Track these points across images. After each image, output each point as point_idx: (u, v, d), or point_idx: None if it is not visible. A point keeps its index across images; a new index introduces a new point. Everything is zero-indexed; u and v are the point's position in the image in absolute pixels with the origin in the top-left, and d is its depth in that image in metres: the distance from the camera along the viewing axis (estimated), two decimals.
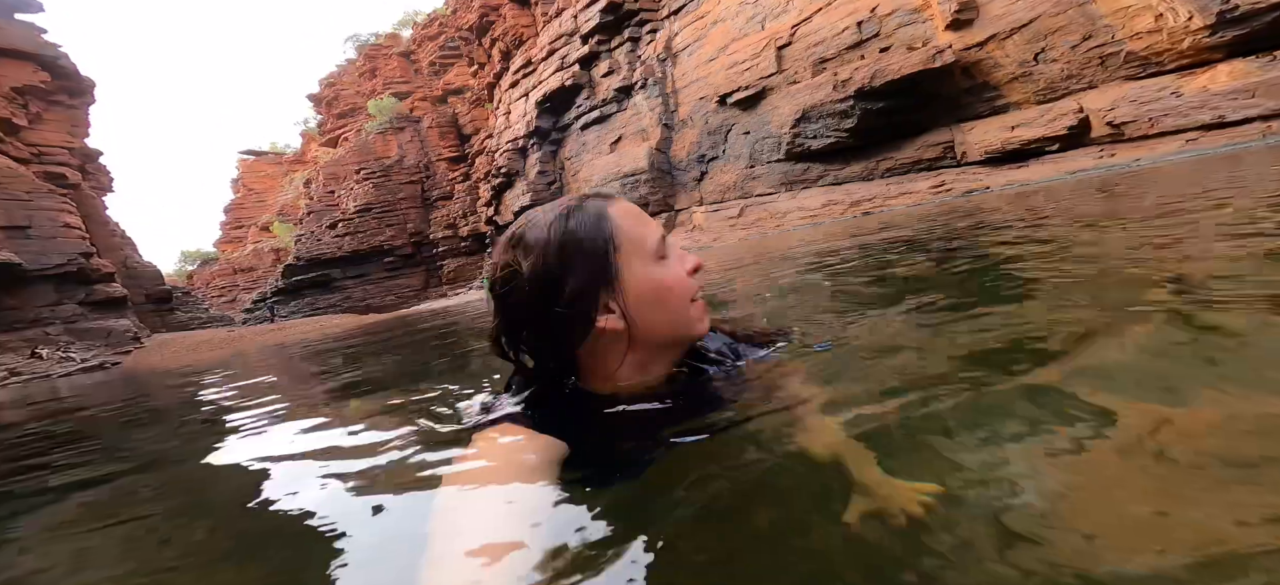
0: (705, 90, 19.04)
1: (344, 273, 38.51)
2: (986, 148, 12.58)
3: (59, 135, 21.16)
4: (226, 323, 30.07)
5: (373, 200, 39.92)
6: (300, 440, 1.54)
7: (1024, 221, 4.13)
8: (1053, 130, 11.30)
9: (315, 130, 60.09)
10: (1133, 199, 4.41)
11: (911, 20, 13.13)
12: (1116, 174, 8.24)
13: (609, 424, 0.83)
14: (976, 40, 11.92)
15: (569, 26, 23.55)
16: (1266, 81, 8.57)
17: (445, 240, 38.25)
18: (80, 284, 17.13)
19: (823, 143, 15.66)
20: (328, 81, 53.10)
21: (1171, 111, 9.68)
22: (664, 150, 21.28)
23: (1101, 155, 10.62)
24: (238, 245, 58.94)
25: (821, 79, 15.18)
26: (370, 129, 42.49)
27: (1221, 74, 9.03)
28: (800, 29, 15.75)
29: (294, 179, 59.20)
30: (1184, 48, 9.34)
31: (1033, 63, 11.32)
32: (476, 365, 2.53)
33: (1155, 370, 0.85)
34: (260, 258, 52.51)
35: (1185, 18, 8.93)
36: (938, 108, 13.31)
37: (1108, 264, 1.91)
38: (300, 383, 3.84)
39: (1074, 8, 10.34)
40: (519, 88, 27.29)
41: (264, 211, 60.64)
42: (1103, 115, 10.59)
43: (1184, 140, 9.51)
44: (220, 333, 21.68)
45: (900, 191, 14.30)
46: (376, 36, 48.15)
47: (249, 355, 8.39)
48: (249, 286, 48.16)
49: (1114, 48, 10.13)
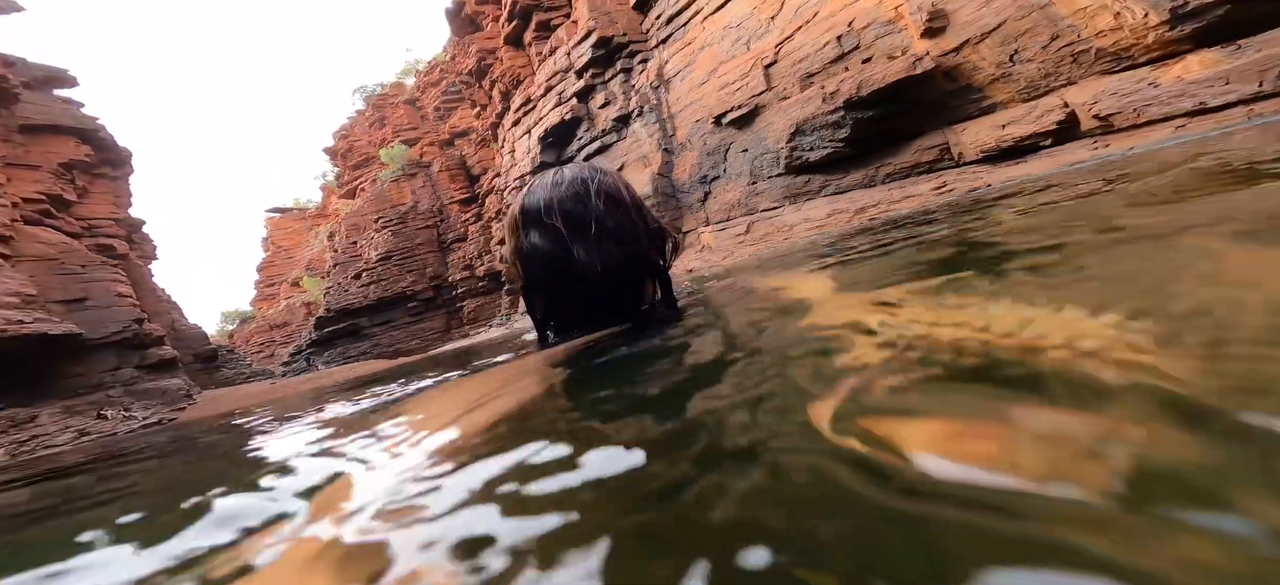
0: (700, 112, 20.00)
1: (371, 320, 40.86)
2: (981, 147, 13.16)
3: (105, 207, 23.02)
4: (267, 376, 32.36)
5: (392, 248, 42.24)
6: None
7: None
8: (1042, 126, 11.84)
9: (334, 183, 63.44)
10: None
11: (887, 31, 13.83)
12: (1114, 162, 8.82)
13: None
14: (951, 46, 12.56)
15: (563, 63, 24.88)
16: (1236, 68, 9.03)
17: (463, 281, 40.20)
18: (135, 348, 18.88)
19: (820, 154, 16.39)
20: (341, 134, 56.12)
21: (1153, 101, 10.16)
22: (666, 174, 22.30)
23: (1096, 146, 11.11)
24: (272, 302, 62.42)
25: (810, 93, 15.95)
26: (384, 177, 44.94)
27: (1193, 64, 9.49)
28: (784, 47, 16.57)
29: (319, 232, 62.53)
30: (1150, 42, 9.82)
31: (1010, 64, 11.90)
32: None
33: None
34: (293, 312, 55.20)
35: (1141, 15, 9.46)
36: (927, 112, 13.94)
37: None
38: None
39: (1036, 10, 10.92)
40: (521, 125, 28.78)
41: (293, 267, 64.08)
42: (1088, 108, 11.10)
43: (1174, 127, 9.97)
44: (262, 385, 23.45)
45: (903, 195, 14.90)
46: (382, 86, 50.81)
47: (289, 399, 9.37)
48: (285, 341, 51.04)
49: (1083, 45, 10.67)
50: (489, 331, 34.46)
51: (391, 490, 0.58)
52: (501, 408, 0.78)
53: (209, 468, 1.66)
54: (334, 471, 0.77)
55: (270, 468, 1.05)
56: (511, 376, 0.97)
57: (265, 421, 3.37)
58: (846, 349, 0.64)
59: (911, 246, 2.46)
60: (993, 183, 12.72)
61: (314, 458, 0.97)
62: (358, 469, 0.74)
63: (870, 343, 0.63)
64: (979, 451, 0.36)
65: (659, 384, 0.79)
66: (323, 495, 0.67)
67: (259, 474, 0.96)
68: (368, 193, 46.55)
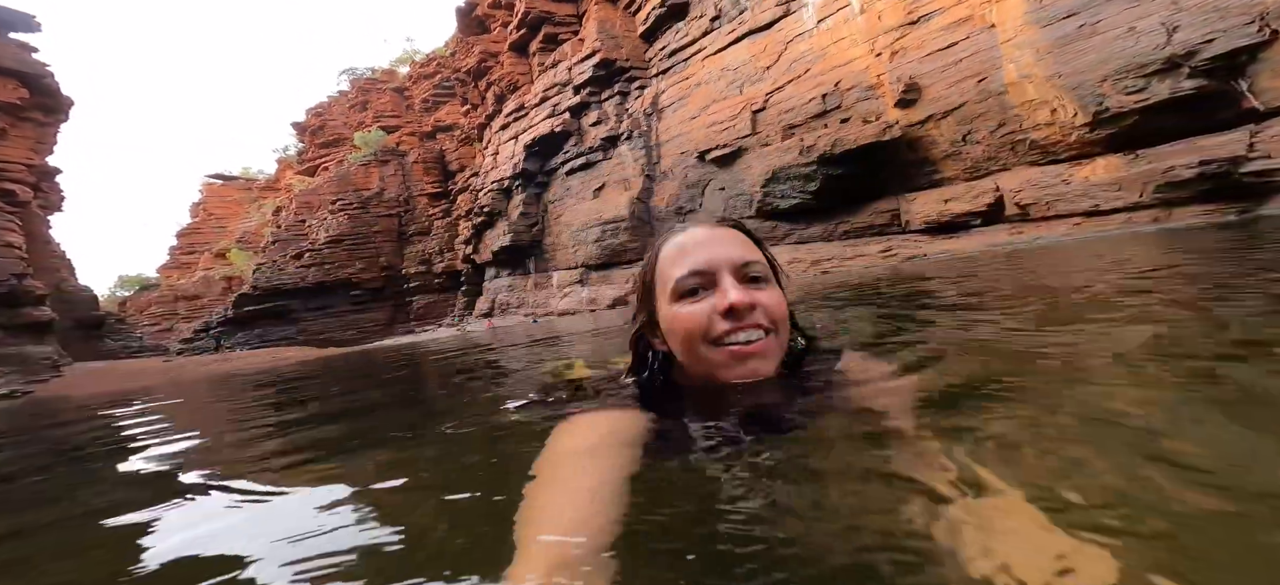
0: (686, 146, 21.93)
1: (304, 304, 40.23)
2: (925, 218, 15.20)
3: (21, 151, 21.95)
4: (161, 353, 31.08)
5: (346, 231, 42.23)
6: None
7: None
8: (976, 206, 13.95)
9: (294, 158, 63.53)
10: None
11: (867, 96, 16.05)
12: (1022, 249, 10.58)
13: (683, 410, 0.98)
14: (918, 119, 14.74)
15: (563, 77, 26.89)
16: (1130, 176, 11.23)
17: (418, 275, 40.42)
18: (8, 306, 17.49)
19: (790, 203, 18.26)
20: (315, 111, 56.78)
21: (1062, 197, 12.34)
22: (645, 200, 23.96)
23: (1013, 232, 13.22)
24: (185, 271, 59.51)
25: (790, 143, 17.99)
26: (354, 160, 45.50)
27: (1100, 167, 11.72)
28: (774, 96, 18.76)
29: (263, 206, 61.56)
30: (1072, 140, 12.06)
31: (962, 143, 14.08)
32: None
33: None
34: (209, 285, 53.13)
35: (1072, 113, 11.69)
36: (887, 177, 16.01)
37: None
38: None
39: (993, 96, 13.19)
40: (509, 130, 30.40)
41: (222, 238, 62.23)
42: (1013, 195, 13.26)
43: (1072, 224, 12.12)
44: (153, 363, 21.60)
45: (855, 253, 16.75)
46: (373, 71, 52.43)
47: (186, 388, 8.17)
48: (191, 315, 48.93)
49: (1021, 135, 12.89)
50: (437, 331, 34.46)
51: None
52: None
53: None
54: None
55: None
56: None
57: (130, 424, 3.03)
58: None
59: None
60: (929, 253, 14.68)
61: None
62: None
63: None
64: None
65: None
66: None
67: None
68: (331, 173, 46.84)
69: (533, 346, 5.63)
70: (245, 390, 5.64)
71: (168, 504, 1.21)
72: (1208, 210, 10.07)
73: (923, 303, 3.85)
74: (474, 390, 3.13)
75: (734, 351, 0.90)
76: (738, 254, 0.95)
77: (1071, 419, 0.92)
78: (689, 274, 0.93)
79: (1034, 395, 1.13)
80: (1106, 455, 0.74)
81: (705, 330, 0.91)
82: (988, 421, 0.89)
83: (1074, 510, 0.58)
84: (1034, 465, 0.74)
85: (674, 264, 0.96)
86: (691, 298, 0.93)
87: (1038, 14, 12.31)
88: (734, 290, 0.90)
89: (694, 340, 0.92)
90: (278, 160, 68.72)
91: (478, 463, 1.27)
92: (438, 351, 7.10)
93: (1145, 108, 10.58)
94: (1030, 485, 0.63)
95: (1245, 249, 4.46)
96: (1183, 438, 0.80)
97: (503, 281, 31.84)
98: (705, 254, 0.94)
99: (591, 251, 25.25)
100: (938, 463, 0.70)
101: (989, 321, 2.44)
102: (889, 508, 0.65)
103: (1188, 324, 1.80)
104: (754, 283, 0.94)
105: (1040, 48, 12.20)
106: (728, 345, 0.90)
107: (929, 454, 0.74)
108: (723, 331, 0.90)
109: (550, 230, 28.56)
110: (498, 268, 32.20)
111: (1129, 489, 0.64)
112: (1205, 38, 9.78)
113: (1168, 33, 10.24)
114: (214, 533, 1.02)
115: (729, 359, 0.91)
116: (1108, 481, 0.67)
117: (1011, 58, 12.79)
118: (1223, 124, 10.03)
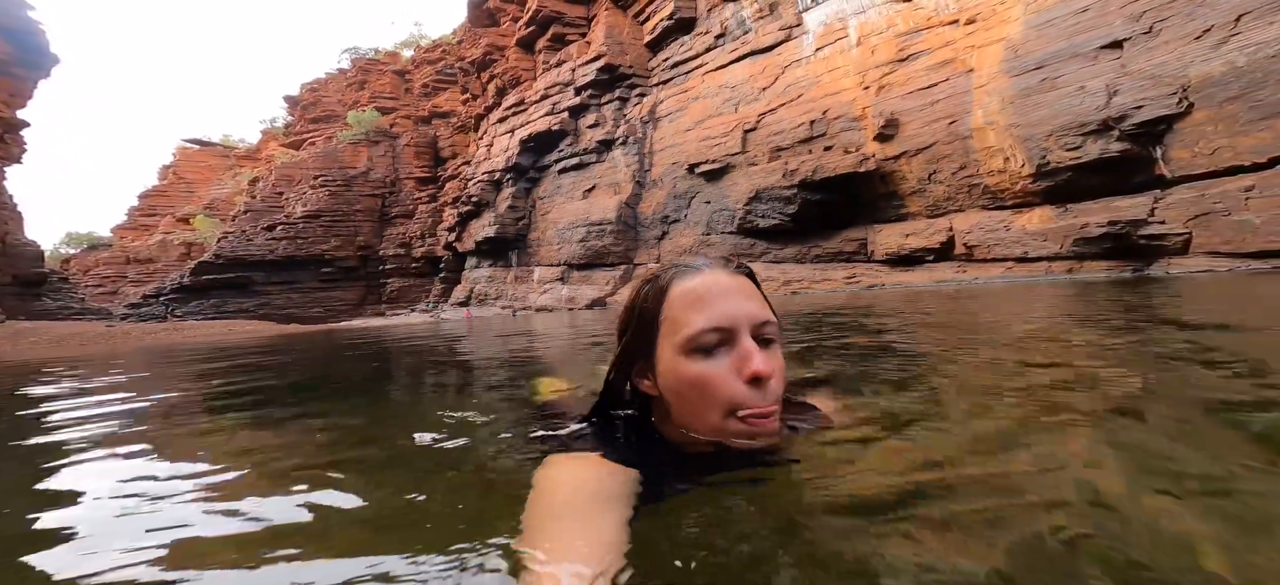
0: (678, 157, 23.96)
1: (268, 277, 41.67)
2: (888, 249, 17.10)
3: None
4: (103, 316, 31.22)
5: (325, 207, 44.05)
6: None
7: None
8: (931, 242, 15.87)
9: (280, 130, 65.96)
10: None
11: (851, 126, 18.07)
12: (964, 288, 12.33)
13: (660, 462, 0.96)
14: (893, 153, 16.71)
15: (566, 77, 29.13)
16: (1056, 228, 13.15)
17: (396, 258, 42.30)
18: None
19: (769, 223, 20.17)
20: (310, 86, 59.30)
21: (1001, 242, 14.26)
22: (633, 205, 25.91)
23: (958, 270, 15.14)
24: (143, 234, 59.87)
25: (775, 165, 19.97)
26: (344, 138, 47.78)
27: (1036, 216, 13.64)
28: (765, 118, 20.83)
29: (240, 175, 63.51)
30: (1017, 189, 14.00)
31: (928, 181, 16.01)
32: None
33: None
34: (166, 250, 54.33)
35: (1020, 163, 13.63)
36: (860, 207, 17.93)
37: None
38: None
39: (959, 139, 15.16)
40: (507, 123, 32.57)
41: (190, 203, 63.65)
42: (962, 236, 15.18)
43: (1005, 268, 14.03)
44: (92, 327, 22.04)
45: (823, 277, 18.61)
46: (377, 51, 55.19)
47: (127, 358, 7.94)
48: (141, 280, 49.77)
49: (977, 180, 14.84)
50: (409, 315, 36.20)
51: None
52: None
53: None
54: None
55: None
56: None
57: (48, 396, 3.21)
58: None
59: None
60: (887, 283, 16.55)
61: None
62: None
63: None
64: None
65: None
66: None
67: None
68: (318, 148, 49.03)
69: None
70: (191, 366, 5.62)
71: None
72: (1110, 266, 12.01)
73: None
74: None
75: (750, 422, 0.91)
76: (757, 313, 0.94)
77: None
78: (710, 329, 0.91)
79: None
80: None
81: (729, 398, 0.90)
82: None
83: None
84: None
85: (691, 310, 0.93)
86: (705, 355, 0.91)
87: (1012, 63, 14.35)
88: (758, 357, 0.90)
89: (710, 405, 0.92)
90: (263, 131, 71.06)
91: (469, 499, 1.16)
92: (420, 347, 6.94)
93: (1078, 165, 12.53)
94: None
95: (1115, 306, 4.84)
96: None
97: (483, 272, 33.64)
98: (727, 309, 0.92)
99: (575, 251, 27.09)
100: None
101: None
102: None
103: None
104: (767, 345, 0.95)
105: (1006, 96, 14.21)
106: (746, 419, 0.91)
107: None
108: (745, 401, 0.90)
109: (536, 225, 30.48)
110: (479, 258, 34.05)
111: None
112: (1136, 102, 11.74)
113: (1109, 95, 12.23)
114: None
115: (743, 429, 0.92)
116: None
117: (981, 103, 14.81)
118: (1136, 187, 11.96)
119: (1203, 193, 10.90)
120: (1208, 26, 11.11)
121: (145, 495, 1.25)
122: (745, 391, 0.90)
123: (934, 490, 0.90)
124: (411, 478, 1.27)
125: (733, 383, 0.91)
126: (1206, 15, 11.16)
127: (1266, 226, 9.94)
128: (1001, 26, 14.95)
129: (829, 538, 0.80)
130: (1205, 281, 8.28)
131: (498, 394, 2.70)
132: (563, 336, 7.16)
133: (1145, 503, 0.82)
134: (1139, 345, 2.65)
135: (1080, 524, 0.74)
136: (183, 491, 1.25)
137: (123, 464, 1.64)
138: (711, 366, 0.91)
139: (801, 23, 20.91)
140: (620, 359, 1.05)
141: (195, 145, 73.41)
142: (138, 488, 1.32)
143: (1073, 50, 13.20)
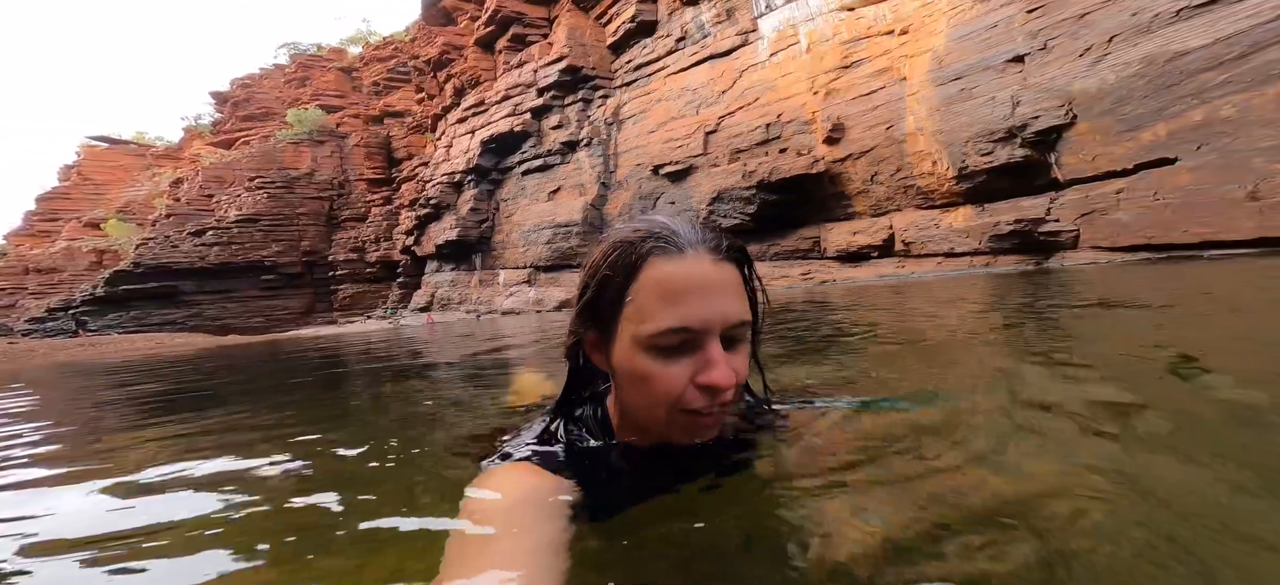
0: (642, 158, 26.26)
1: (199, 286, 40.63)
2: (838, 246, 19.88)
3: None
4: (3, 333, 30.99)
5: (264, 211, 43.72)
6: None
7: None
8: (875, 240, 18.71)
9: (206, 129, 64.89)
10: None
11: (803, 130, 20.76)
12: (903, 281, 14.87)
13: (620, 466, 1.00)
14: (840, 156, 19.47)
15: (527, 78, 31.00)
16: (976, 226, 16.09)
17: (348, 263, 42.95)
18: None
19: (731, 223, 22.63)
20: (242, 82, 58.78)
21: (932, 238, 17.17)
22: (598, 207, 28.05)
23: (898, 265, 17.99)
24: (44, 241, 57.60)
25: (735, 167, 22.51)
26: (283, 137, 47.93)
27: (960, 215, 16.58)
28: (725, 121, 23.36)
29: (159, 176, 61.93)
30: (944, 191, 16.92)
31: (871, 182, 18.83)
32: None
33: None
34: (74, 258, 51.95)
35: (945, 167, 16.53)
36: (813, 207, 20.66)
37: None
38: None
39: (895, 144, 17.99)
40: (467, 124, 34.14)
41: (100, 206, 60.01)
42: (902, 233, 18.05)
43: (936, 263, 16.91)
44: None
45: (781, 274, 21.26)
46: (319, 47, 55.37)
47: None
48: (44, 291, 47.67)
49: (911, 182, 17.71)
50: (364, 323, 37.00)
51: None
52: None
53: None
54: None
55: None
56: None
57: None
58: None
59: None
60: (838, 279, 19.35)
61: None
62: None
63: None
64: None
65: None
66: None
67: None
68: (252, 148, 48.65)
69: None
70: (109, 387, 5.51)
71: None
72: (1019, 260, 14.93)
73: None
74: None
75: (695, 420, 0.92)
76: (732, 312, 0.91)
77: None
78: (677, 328, 0.88)
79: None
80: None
81: (678, 398, 0.90)
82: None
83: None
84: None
85: (660, 302, 0.89)
86: (663, 355, 0.90)
87: (936, 73, 17.15)
88: (721, 368, 0.88)
89: (656, 402, 0.92)
90: (185, 129, 69.41)
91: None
92: (382, 357, 6.89)
93: (990, 169, 15.43)
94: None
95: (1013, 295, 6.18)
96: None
97: (445, 276, 35.07)
98: (700, 311, 0.89)
99: (542, 253, 29.02)
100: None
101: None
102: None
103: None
104: (733, 347, 0.94)
105: (933, 105, 17.04)
106: (692, 414, 0.91)
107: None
108: (692, 403, 0.90)
109: (500, 228, 32.24)
110: (440, 261, 35.45)
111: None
112: (1034, 113, 14.62)
113: (1013, 105, 15.11)
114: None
115: (687, 427, 0.93)
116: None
117: (912, 110, 17.64)
118: (1037, 189, 14.91)
119: (1086, 194, 13.77)
120: (1088, 45, 13.72)
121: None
122: (695, 394, 0.90)
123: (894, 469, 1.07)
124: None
125: (684, 386, 0.90)
126: (1087, 35, 13.78)
127: (1133, 224, 12.82)
128: (929, 38, 17.73)
129: (784, 540, 0.91)
130: (1088, 271, 10.53)
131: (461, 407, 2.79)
132: (532, 339, 7.64)
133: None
134: (1014, 328, 3.85)
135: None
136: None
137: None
138: (667, 369, 0.90)
139: (757, 28, 23.44)
140: (575, 324, 1.03)
141: (102, 143, 70.56)
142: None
143: (985, 63, 15.97)
